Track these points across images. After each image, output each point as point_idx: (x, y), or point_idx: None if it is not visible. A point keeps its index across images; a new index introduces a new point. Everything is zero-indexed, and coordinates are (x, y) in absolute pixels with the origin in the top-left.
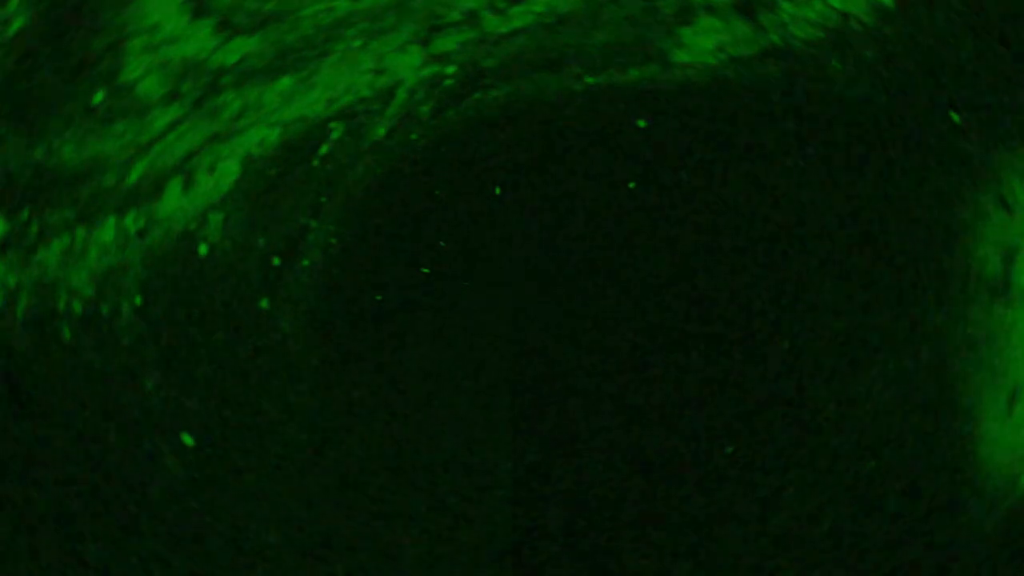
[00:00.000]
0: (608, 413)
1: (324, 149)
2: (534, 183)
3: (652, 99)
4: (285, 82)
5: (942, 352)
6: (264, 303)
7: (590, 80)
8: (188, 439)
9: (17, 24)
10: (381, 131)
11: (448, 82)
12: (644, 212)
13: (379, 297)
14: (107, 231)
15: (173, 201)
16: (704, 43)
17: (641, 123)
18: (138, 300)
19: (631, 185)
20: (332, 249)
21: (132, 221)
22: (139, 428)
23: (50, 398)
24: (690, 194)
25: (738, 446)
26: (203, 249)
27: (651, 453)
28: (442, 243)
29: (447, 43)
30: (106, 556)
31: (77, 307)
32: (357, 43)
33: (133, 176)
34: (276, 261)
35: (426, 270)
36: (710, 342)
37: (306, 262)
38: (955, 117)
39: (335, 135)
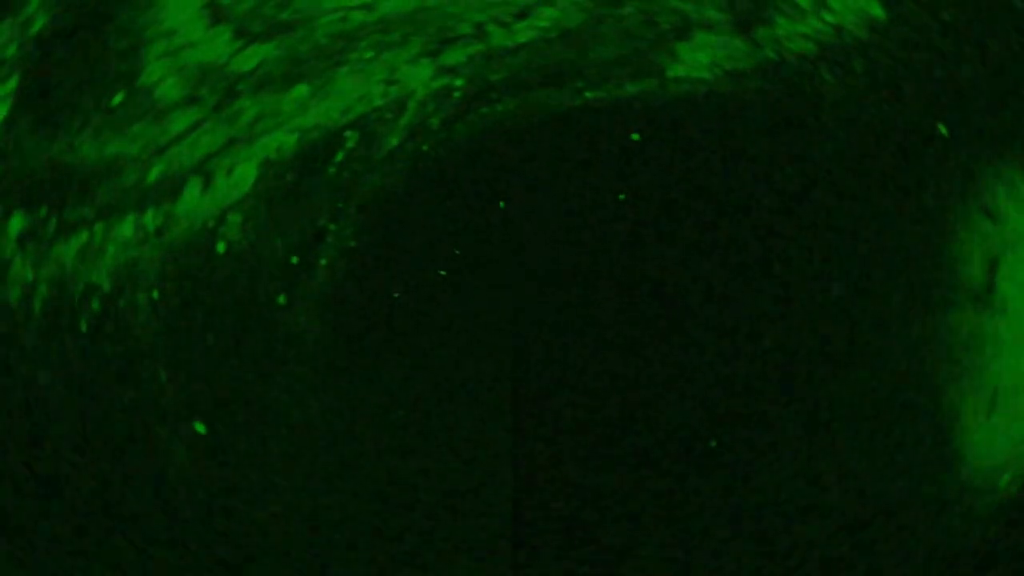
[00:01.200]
0: (606, 411)
1: (339, 156)
2: (534, 193)
3: (647, 113)
4: (301, 90)
5: (926, 356)
6: (281, 300)
7: (589, 95)
8: (200, 427)
9: (38, 24)
10: (394, 141)
11: (457, 95)
12: (639, 221)
13: (396, 294)
14: (126, 228)
15: (192, 200)
16: (700, 58)
17: (635, 136)
18: (155, 295)
19: (620, 197)
20: (349, 251)
21: (151, 219)
22: (152, 421)
23: (65, 390)
24: (683, 204)
25: (721, 442)
26: (221, 247)
27: (649, 451)
28: (456, 251)
29: (456, 56)
30: (115, 546)
31: (94, 302)
32: (370, 54)
33: (152, 175)
34: (294, 260)
35: (443, 272)
36: (699, 344)
37: (324, 261)
38: (942, 128)
39: (350, 143)
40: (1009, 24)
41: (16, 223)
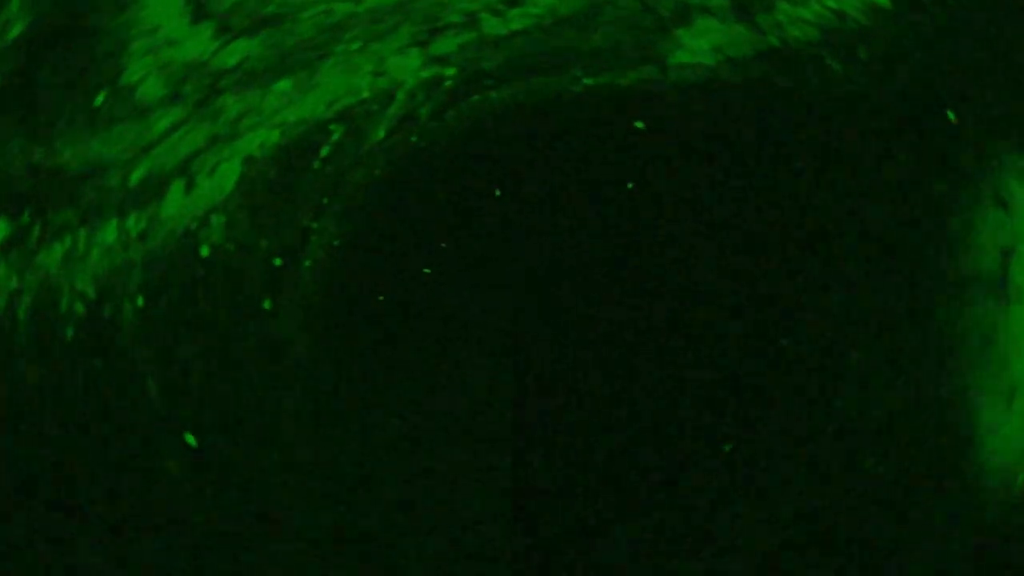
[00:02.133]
0: (607, 412)
1: (325, 151)
2: (533, 184)
3: (650, 100)
4: (285, 84)
5: (940, 350)
6: (267, 304)
7: (588, 82)
8: (191, 439)
9: (18, 27)
10: (381, 133)
11: (448, 84)
12: (642, 212)
13: (382, 297)
14: (109, 233)
15: (175, 203)
16: (701, 44)
17: (639, 124)
18: (140, 301)
19: (629, 186)
20: (334, 250)
21: (134, 223)
22: (140, 429)
23: (51, 399)
24: (688, 194)
25: (737, 445)
26: (205, 250)
27: (651, 452)
28: (443, 244)
29: (447, 45)
30: (104, 558)
31: (79, 308)
32: (356, 45)
33: (135, 178)
34: (278, 262)
35: (427, 270)
36: (709, 340)
37: (308, 263)
38: (951, 115)
39: (335, 137)
40: (1018, 9)
41: (0, 230)
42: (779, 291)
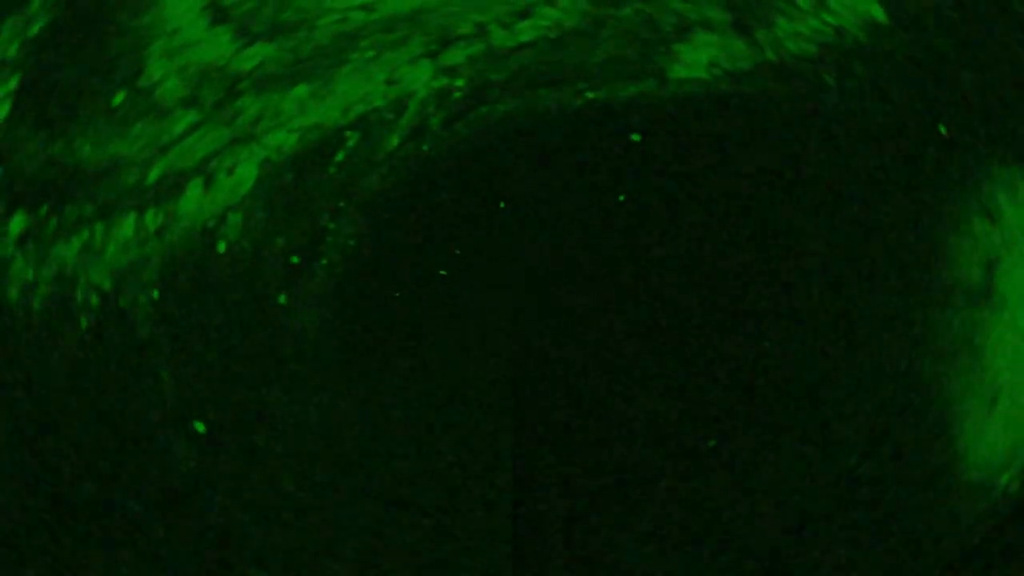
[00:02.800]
0: (603, 410)
1: (340, 156)
2: (534, 194)
3: (648, 113)
4: (302, 90)
5: (926, 356)
6: (282, 299)
7: (590, 95)
8: (200, 426)
9: (38, 25)
10: (395, 141)
11: (457, 95)
12: (639, 221)
13: (397, 294)
14: (126, 227)
15: (193, 200)
16: (700, 58)
17: (635, 137)
18: (156, 294)
19: (620, 198)
20: (349, 250)
21: (151, 218)
22: (153, 420)
23: (66, 387)
24: (682, 205)
25: (722, 443)
26: (222, 246)
27: (649, 451)
28: (457, 250)
29: (456, 56)
30: (115, 543)
31: (95, 300)
32: (371, 54)
33: (153, 175)
34: (295, 259)
35: (443, 272)
36: (698, 344)
37: (324, 261)
38: (942, 129)
39: (350, 143)
40: (1009, 25)
41: (17, 223)
42: (766, 297)
